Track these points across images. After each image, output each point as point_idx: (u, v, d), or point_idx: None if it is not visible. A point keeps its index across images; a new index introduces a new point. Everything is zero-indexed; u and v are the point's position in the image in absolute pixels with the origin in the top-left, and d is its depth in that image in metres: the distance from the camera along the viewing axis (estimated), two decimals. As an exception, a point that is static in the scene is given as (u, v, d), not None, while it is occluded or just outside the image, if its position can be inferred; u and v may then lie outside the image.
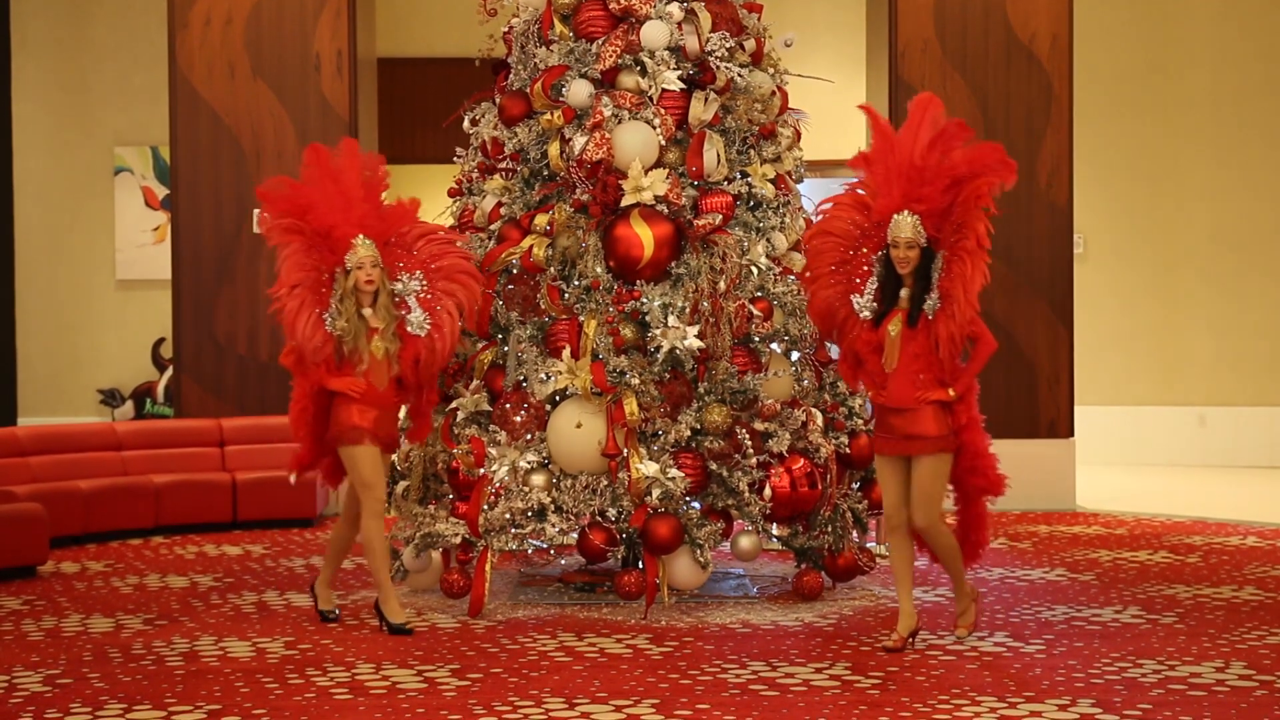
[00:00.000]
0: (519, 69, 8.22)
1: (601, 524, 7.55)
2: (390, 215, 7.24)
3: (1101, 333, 14.60)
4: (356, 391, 6.97)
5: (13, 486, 9.28)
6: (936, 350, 6.51)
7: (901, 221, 6.55)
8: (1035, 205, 11.57)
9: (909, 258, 6.54)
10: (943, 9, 11.59)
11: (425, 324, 7.06)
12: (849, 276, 6.75)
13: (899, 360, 6.54)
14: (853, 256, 6.76)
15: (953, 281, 6.49)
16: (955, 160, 6.64)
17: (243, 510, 10.62)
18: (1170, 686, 5.95)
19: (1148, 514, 11.08)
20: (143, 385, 14.74)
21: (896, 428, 6.58)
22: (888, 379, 6.59)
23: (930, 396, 6.51)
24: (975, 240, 6.52)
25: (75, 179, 15.00)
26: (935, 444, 6.57)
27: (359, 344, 6.95)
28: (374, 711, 5.64)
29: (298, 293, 7.00)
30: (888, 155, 6.72)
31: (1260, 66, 14.68)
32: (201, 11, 11.40)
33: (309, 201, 7.10)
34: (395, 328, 7.02)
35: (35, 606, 7.77)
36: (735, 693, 5.89)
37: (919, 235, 6.54)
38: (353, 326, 6.94)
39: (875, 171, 6.75)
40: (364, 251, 6.99)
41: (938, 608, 7.57)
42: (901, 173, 6.64)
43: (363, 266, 6.97)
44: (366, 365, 6.97)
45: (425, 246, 7.22)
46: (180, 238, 11.46)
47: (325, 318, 6.97)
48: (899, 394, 6.55)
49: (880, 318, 6.62)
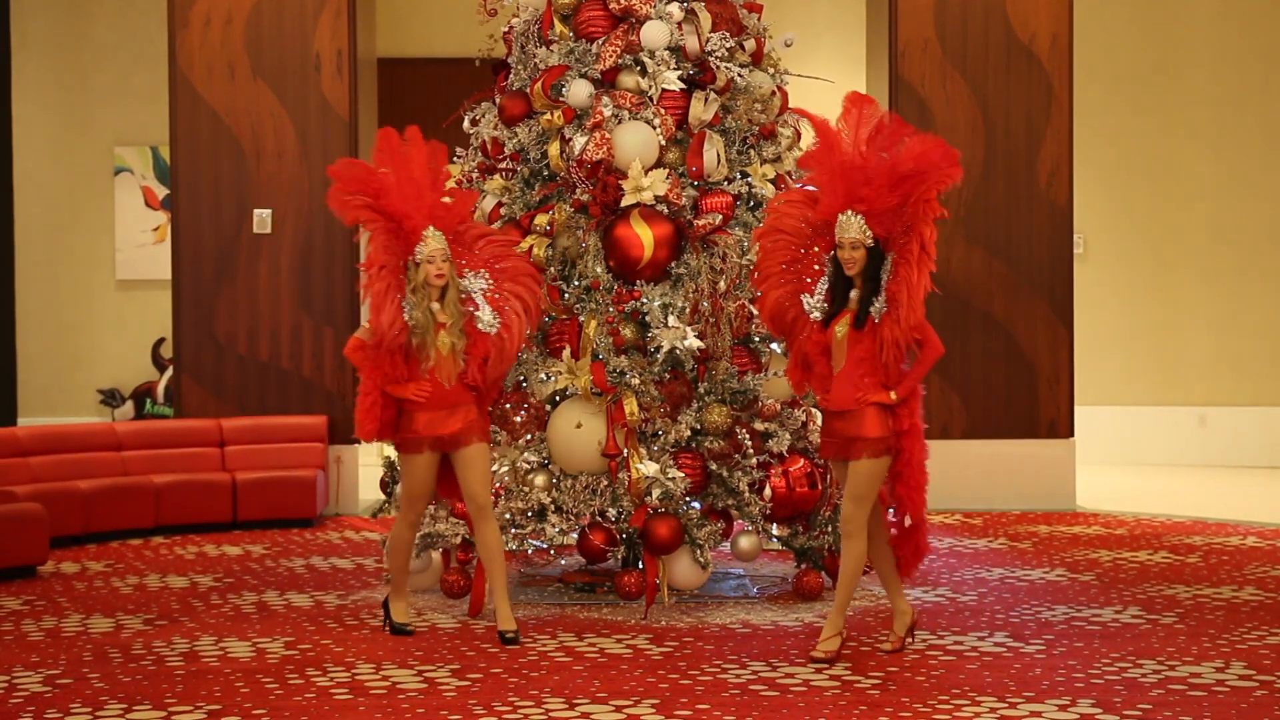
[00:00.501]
0: (519, 69, 8.22)
1: (601, 524, 7.55)
2: (451, 210, 7.01)
3: (1101, 333, 14.61)
4: (422, 397, 6.75)
5: (13, 486, 9.28)
6: (880, 354, 6.37)
7: (845, 222, 6.41)
8: (1035, 205, 11.58)
9: (854, 258, 6.40)
10: (943, 9, 11.59)
11: (495, 322, 6.84)
12: (799, 276, 6.61)
13: (845, 363, 6.41)
14: (804, 255, 6.63)
15: (898, 285, 6.34)
16: (899, 158, 6.46)
17: (243, 510, 10.62)
18: (1170, 687, 5.95)
19: (1148, 514, 11.08)
20: (143, 385, 14.74)
21: (838, 430, 6.45)
22: (833, 382, 6.46)
23: (871, 398, 6.36)
24: (919, 245, 6.36)
25: (75, 179, 15.00)
26: (873, 446, 6.39)
27: (428, 338, 6.72)
28: (374, 712, 5.64)
29: (384, 274, 6.74)
30: (828, 155, 6.56)
31: (1260, 66, 14.68)
32: (201, 11, 11.41)
33: (382, 186, 6.81)
34: (463, 324, 6.80)
35: (35, 606, 7.77)
36: (735, 693, 5.89)
37: (864, 235, 6.39)
38: (426, 320, 6.72)
39: (819, 171, 6.62)
40: (435, 244, 6.75)
41: (937, 608, 7.57)
42: (842, 172, 6.49)
43: (433, 260, 6.73)
44: (433, 362, 6.74)
45: (486, 247, 7.02)
46: (180, 238, 11.46)
47: (404, 305, 6.74)
48: (841, 396, 6.42)
49: (830, 319, 6.49)
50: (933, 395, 11.51)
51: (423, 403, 6.74)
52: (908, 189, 6.40)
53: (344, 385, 11.39)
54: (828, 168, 6.54)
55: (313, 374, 11.42)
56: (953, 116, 11.53)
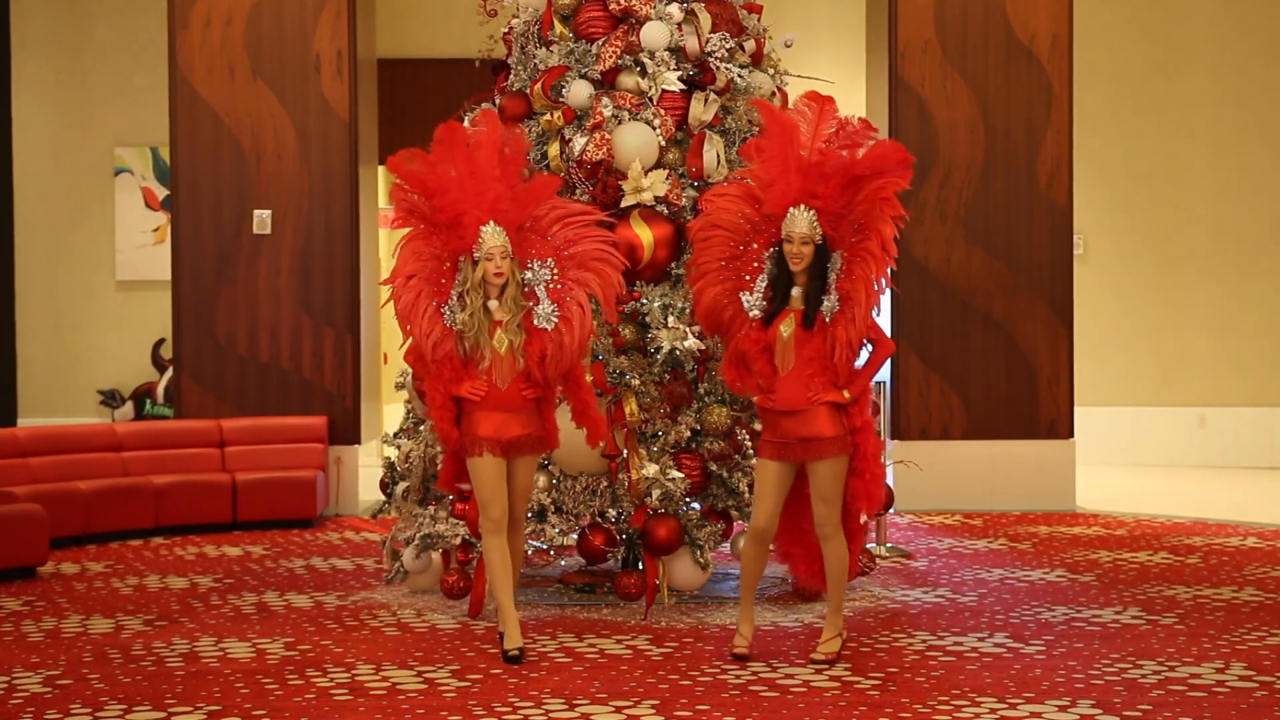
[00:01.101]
0: (519, 70, 8.22)
1: (601, 525, 7.55)
2: (526, 196, 6.61)
3: (1101, 333, 14.61)
4: (477, 395, 6.44)
5: (13, 487, 9.28)
6: (833, 353, 6.25)
7: (797, 216, 6.29)
8: (1035, 205, 11.57)
9: (803, 254, 6.28)
10: (943, 9, 11.59)
11: (553, 317, 6.48)
12: (738, 273, 6.45)
13: (794, 362, 6.28)
14: (742, 252, 6.47)
15: (854, 284, 6.24)
16: (855, 159, 6.36)
17: (243, 511, 10.62)
18: (1170, 687, 5.95)
19: (1148, 515, 11.08)
20: (143, 386, 14.74)
21: (790, 431, 6.29)
22: (779, 382, 6.31)
23: (824, 398, 6.24)
24: (880, 244, 6.26)
25: (75, 179, 15.00)
26: (833, 445, 6.28)
27: (481, 339, 6.41)
28: (374, 712, 5.64)
29: (413, 284, 6.44)
30: (786, 149, 6.40)
31: (1260, 66, 14.68)
32: (201, 12, 11.41)
33: (441, 185, 6.48)
34: (521, 320, 6.46)
35: (35, 607, 7.77)
36: (735, 693, 5.89)
37: (814, 231, 6.28)
38: (476, 320, 6.39)
39: (770, 164, 6.43)
40: (493, 240, 6.41)
41: (937, 608, 7.57)
42: (799, 168, 6.35)
43: (492, 258, 6.40)
44: (489, 362, 6.43)
45: (561, 231, 6.61)
46: (180, 238, 11.46)
47: (444, 311, 6.43)
48: (791, 396, 6.28)
49: (770, 317, 6.35)
50: (933, 395, 11.52)
51: (479, 402, 6.46)
52: (861, 189, 6.30)
53: (344, 386, 11.39)
54: (781, 161, 6.39)
55: (313, 374, 11.41)
56: (953, 117, 11.53)
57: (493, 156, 6.53)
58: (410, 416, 8.21)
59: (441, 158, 6.53)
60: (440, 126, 6.60)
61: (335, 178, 11.42)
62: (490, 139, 6.56)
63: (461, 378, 6.46)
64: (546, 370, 6.48)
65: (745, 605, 6.54)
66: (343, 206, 11.44)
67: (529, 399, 6.50)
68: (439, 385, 6.47)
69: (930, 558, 9.14)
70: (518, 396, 6.48)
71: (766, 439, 6.41)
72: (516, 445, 6.52)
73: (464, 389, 6.44)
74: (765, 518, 6.42)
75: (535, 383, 6.50)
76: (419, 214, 6.52)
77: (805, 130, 6.43)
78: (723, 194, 6.57)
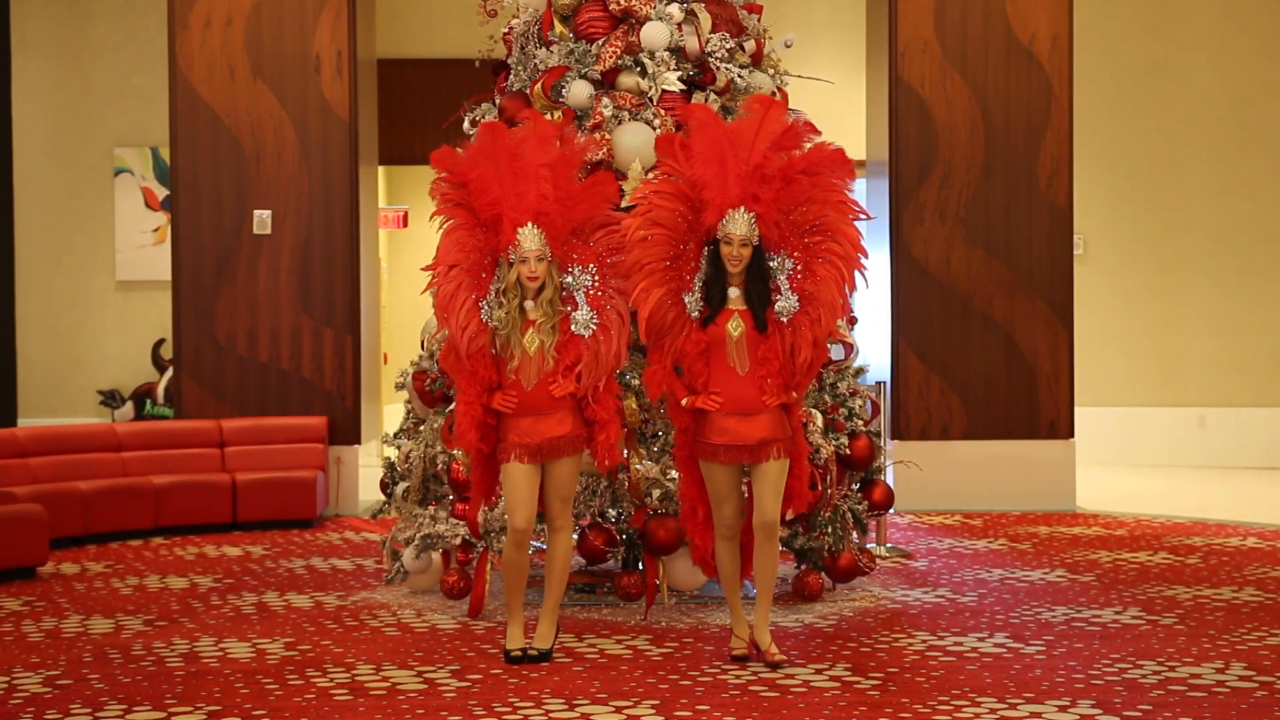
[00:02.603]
0: (519, 70, 8.21)
1: (601, 525, 7.55)
2: (577, 198, 6.46)
3: (1101, 333, 14.61)
4: (509, 407, 6.34)
5: (13, 487, 9.28)
6: (792, 355, 6.22)
7: (737, 217, 6.22)
8: (1035, 205, 11.58)
9: (742, 255, 6.23)
10: (943, 9, 11.59)
11: (592, 323, 6.36)
12: (679, 273, 6.33)
13: (749, 364, 6.24)
14: (682, 252, 6.34)
15: (819, 285, 6.21)
16: (791, 159, 6.32)
17: (243, 511, 10.62)
18: (1170, 688, 5.95)
19: (1148, 515, 11.08)
20: (143, 386, 14.74)
21: (741, 434, 6.25)
22: (729, 383, 6.26)
23: (776, 400, 6.24)
24: (850, 244, 6.24)
25: (75, 179, 15.00)
26: (783, 446, 6.29)
27: (513, 337, 6.30)
28: (374, 712, 5.64)
29: (454, 274, 6.34)
30: (725, 151, 6.27)
31: (1261, 66, 14.68)
32: (201, 12, 11.41)
33: (481, 182, 6.36)
34: (557, 322, 6.32)
35: (35, 607, 7.77)
36: (735, 693, 5.89)
37: (753, 233, 6.23)
38: (510, 319, 6.28)
39: (705, 165, 6.29)
40: (529, 244, 6.28)
41: (937, 608, 7.57)
42: (739, 171, 6.26)
43: (527, 261, 6.28)
44: (518, 361, 6.31)
45: (604, 238, 6.48)
46: (180, 238, 11.46)
47: (482, 305, 6.33)
48: (744, 398, 6.24)
49: (708, 319, 6.28)
50: (933, 395, 11.52)
51: (512, 411, 6.35)
52: (798, 189, 6.28)
53: (344, 386, 11.39)
54: (720, 163, 6.27)
55: (313, 375, 11.42)
56: (953, 117, 11.53)
57: (538, 156, 6.38)
58: (410, 416, 8.21)
59: (484, 154, 6.40)
60: (481, 127, 6.60)
61: (335, 178, 11.43)
62: (536, 138, 6.42)
63: (494, 378, 6.36)
64: (583, 381, 6.35)
65: (734, 606, 6.55)
66: (343, 207, 11.45)
67: (558, 397, 6.34)
68: (473, 383, 6.36)
69: (930, 558, 9.14)
70: (545, 396, 6.34)
71: (710, 443, 6.31)
72: (548, 448, 6.38)
73: (496, 400, 6.35)
74: (733, 513, 6.43)
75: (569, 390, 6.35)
76: (460, 205, 6.41)
77: (747, 133, 6.32)
78: (658, 191, 6.39)
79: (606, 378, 6.42)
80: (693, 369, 6.30)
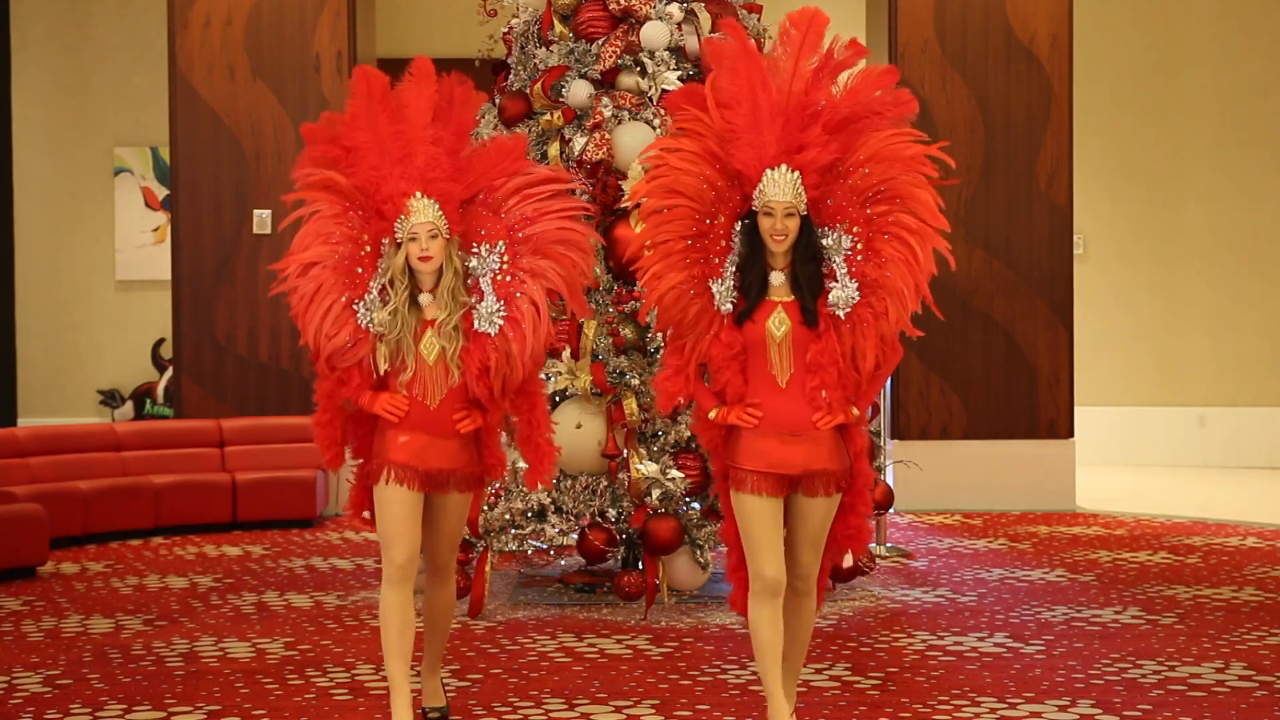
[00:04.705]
0: (519, 69, 8.22)
1: (601, 525, 7.55)
2: (475, 163, 5.18)
3: (1101, 333, 14.60)
4: (395, 415, 5.03)
5: (13, 487, 9.28)
6: (853, 360, 4.83)
7: (778, 180, 4.81)
8: (1035, 205, 11.58)
9: (788, 229, 4.80)
10: (943, 9, 11.59)
11: (497, 317, 5.03)
12: (706, 254, 4.91)
13: (793, 370, 4.83)
14: (709, 227, 4.92)
15: (884, 268, 4.80)
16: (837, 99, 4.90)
17: (242, 511, 10.62)
18: (1170, 687, 5.95)
19: (1148, 514, 11.08)
20: (143, 386, 14.74)
21: (785, 460, 4.83)
22: (769, 396, 4.85)
23: (832, 420, 4.83)
24: (926, 214, 4.86)
25: (75, 179, 15.00)
26: (838, 481, 4.90)
27: (404, 343, 5.00)
28: (374, 712, 5.64)
29: (316, 273, 5.06)
30: (757, 88, 4.86)
31: (1260, 66, 14.68)
32: (201, 12, 11.41)
33: (353, 143, 5.12)
34: (460, 320, 5.03)
35: (35, 607, 7.77)
36: (735, 693, 5.89)
37: (800, 199, 4.82)
38: (399, 319, 4.99)
39: (736, 109, 4.88)
40: (420, 216, 4.99)
41: (937, 608, 7.57)
42: (777, 112, 4.84)
43: (417, 238, 4.98)
44: (411, 372, 5.00)
45: (518, 206, 5.14)
46: (180, 238, 11.46)
47: (357, 308, 5.02)
48: (791, 415, 4.83)
49: (744, 313, 4.87)
50: (933, 395, 11.52)
51: (396, 421, 5.05)
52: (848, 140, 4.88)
53: (344, 385, 11.38)
54: (753, 104, 4.86)
55: (312, 374, 11.38)
56: (953, 117, 11.53)
57: (425, 110, 5.14)
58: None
59: (357, 113, 5.15)
60: (355, 72, 5.23)
61: (335, 178, 11.41)
62: (422, 91, 5.18)
63: (369, 384, 5.07)
64: (489, 386, 5.04)
65: (771, 689, 4.94)
66: (343, 206, 11.43)
67: (464, 430, 5.10)
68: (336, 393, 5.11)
69: (930, 557, 9.14)
70: (448, 421, 5.05)
71: (743, 469, 4.87)
72: (441, 479, 5.13)
73: (378, 404, 5.04)
74: (775, 565, 4.86)
75: (474, 406, 5.09)
76: (324, 186, 5.13)
77: (785, 63, 4.91)
78: (677, 149, 4.96)
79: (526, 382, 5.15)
80: (724, 379, 4.89)
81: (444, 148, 5.14)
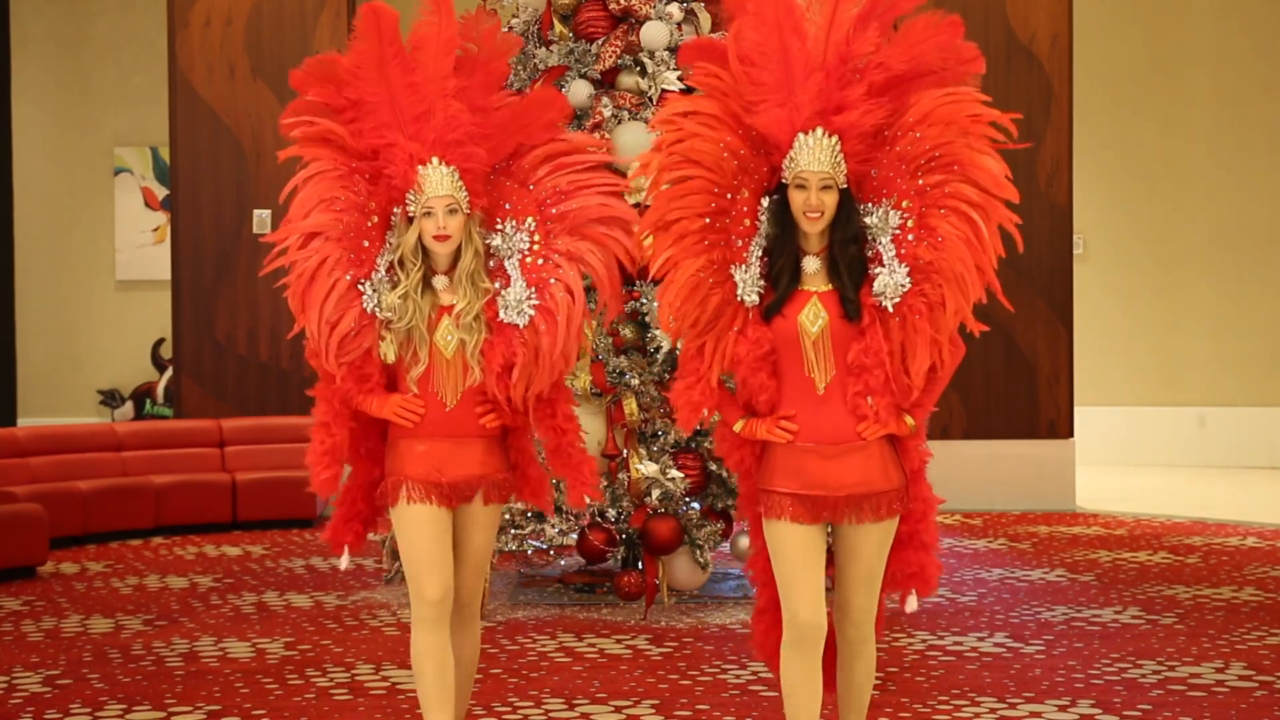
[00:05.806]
0: (519, 70, 8.22)
1: (601, 524, 7.55)
2: (503, 123, 4.38)
3: (1101, 333, 14.60)
4: (410, 420, 4.32)
5: (13, 487, 9.28)
6: (904, 359, 4.07)
7: (813, 146, 4.04)
8: (1035, 205, 11.56)
9: (824, 204, 4.04)
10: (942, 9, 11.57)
11: (527, 306, 4.29)
12: (728, 236, 4.12)
13: (834, 372, 4.09)
14: (731, 203, 4.13)
15: (940, 249, 4.05)
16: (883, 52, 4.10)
17: (242, 511, 10.62)
18: (1170, 687, 5.95)
19: (1147, 514, 11.07)
20: (142, 386, 14.75)
21: (825, 479, 4.08)
22: (807, 404, 4.09)
23: (882, 430, 4.09)
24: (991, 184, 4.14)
25: (75, 179, 15.01)
26: (891, 504, 4.13)
27: (416, 333, 4.29)
28: (374, 712, 5.64)
29: (318, 246, 4.33)
30: (789, 37, 4.04)
31: (1260, 66, 14.67)
32: (201, 11, 11.41)
33: (358, 95, 4.34)
34: (482, 309, 4.31)
35: (35, 607, 7.77)
36: (735, 693, 5.89)
37: (839, 170, 4.05)
38: (411, 304, 4.27)
39: (763, 63, 4.07)
40: (435, 187, 4.26)
41: (937, 608, 7.57)
42: (813, 67, 4.04)
43: (432, 213, 4.26)
44: (425, 367, 4.30)
45: (549, 178, 4.39)
46: (180, 238, 11.47)
47: (364, 288, 4.31)
48: (831, 426, 4.08)
49: (773, 306, 4.11)
50: (933, 395, 11.51)
51: (411, 428, 4.34)
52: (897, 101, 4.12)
53: (344, 385, 11.39)
54: (784, 57, 4.05)
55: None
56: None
57: (443, 58, 4.32)
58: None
59: (362, 58, 4.37)
60: (364, 8, 4.42)
61: (335, 178, 11.41)
62: (441, 34, 4.33)
63: (379, 389, 4.37)
64: (514, 387, 4.32)
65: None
66: (343, 206, 11.43)
67: (489, 427, 4.38)
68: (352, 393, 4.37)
69: (930, 558, 9.13)
70: (470, 421, 4.35)
71: (775, 490, 4.13)
72: (468, 489, 4.37)
73: (389, 408, 4.33)
74: (812, 607, 4.09)
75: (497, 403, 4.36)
76: (324, 140, 4.39)
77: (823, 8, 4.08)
78: (693, 112, 4.16)
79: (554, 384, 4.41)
80: (751, 382, 4.13)
81: (468, 103, 4.33)
